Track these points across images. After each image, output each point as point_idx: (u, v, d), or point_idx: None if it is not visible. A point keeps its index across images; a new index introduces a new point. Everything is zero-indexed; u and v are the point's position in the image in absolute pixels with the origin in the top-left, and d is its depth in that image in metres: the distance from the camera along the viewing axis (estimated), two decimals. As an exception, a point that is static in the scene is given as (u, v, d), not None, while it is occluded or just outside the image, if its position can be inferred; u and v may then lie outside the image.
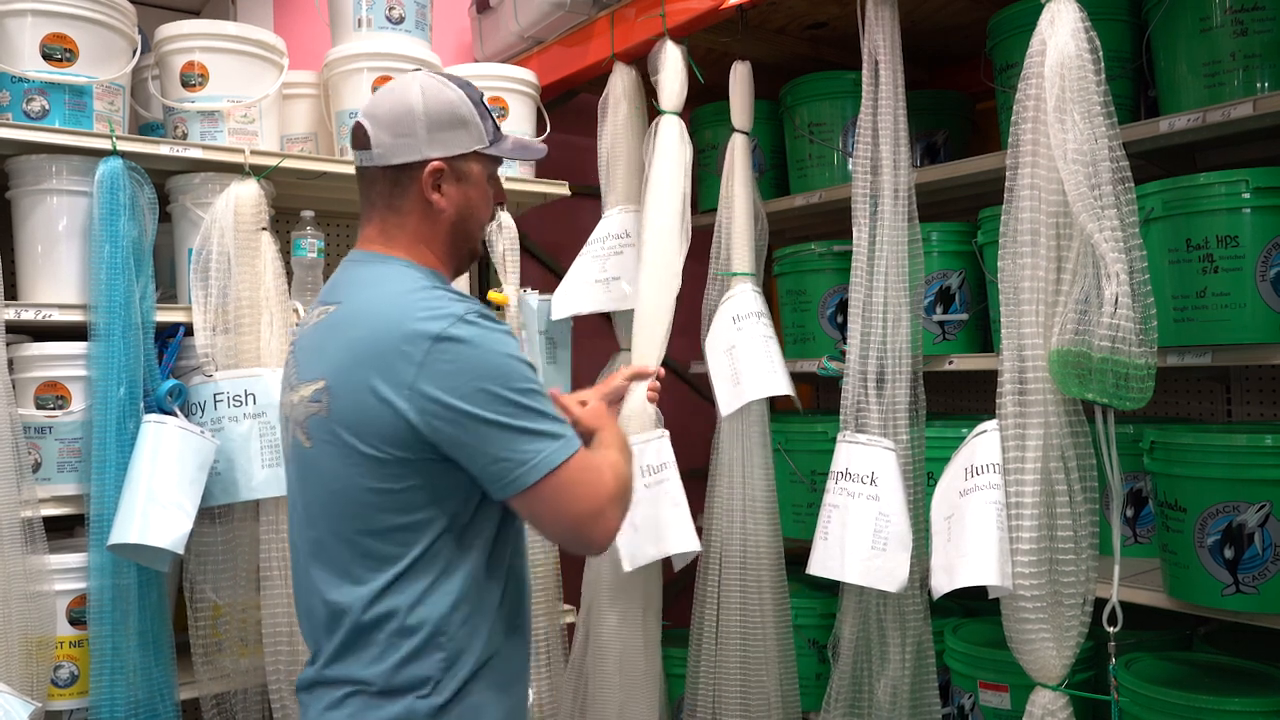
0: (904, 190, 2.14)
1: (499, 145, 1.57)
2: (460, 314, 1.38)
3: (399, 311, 1.40)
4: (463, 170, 1.53)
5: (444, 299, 1.41)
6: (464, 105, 1.52)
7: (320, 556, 1.45)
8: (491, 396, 1.36)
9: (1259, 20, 1.82)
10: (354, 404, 1.39)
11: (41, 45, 2.07)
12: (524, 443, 1.37)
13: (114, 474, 2.04)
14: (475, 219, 1.57)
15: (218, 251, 2.20)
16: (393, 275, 1.48)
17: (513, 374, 1.39)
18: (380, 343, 1.38)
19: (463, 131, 1.52)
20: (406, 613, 1.39)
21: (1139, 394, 1.63)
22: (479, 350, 1.37)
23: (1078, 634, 1.75)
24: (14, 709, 1.52)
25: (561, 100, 3.05)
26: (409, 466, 1.38)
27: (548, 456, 1.37)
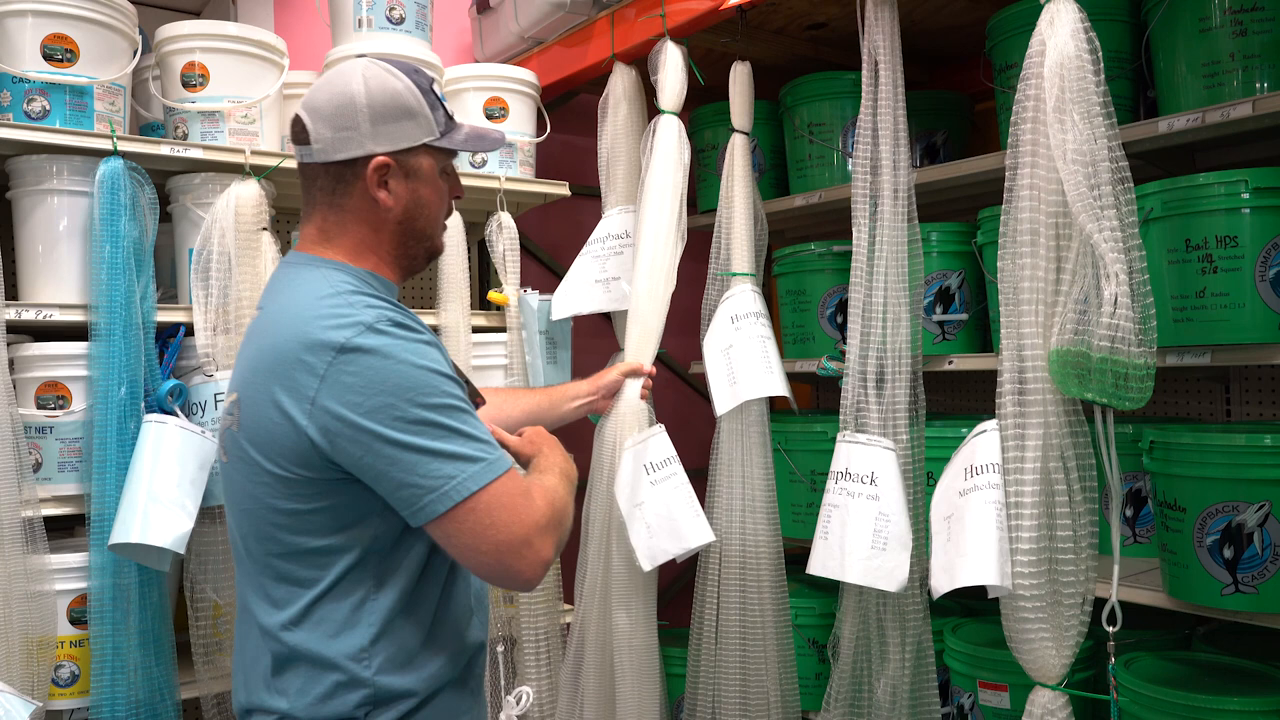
0: (904, 190, 2.14)
1: (451, 136, 1.45)
2: (369, 322, 1.28)
3: (304, 319, 1.30)
4: (411, 165, 1.42)
5: (356, 305, 1.30)
6: (410, 94, 1.40)
7: (244, 575, 1.38)
8: (399, 414, 1.25)
9: (1258, 20, 1.83)
10: (259, 418, 1.30)
11: (42, 45, 2.07)
12: (435, 466, 1.25)
13: (115, 474, 2.04)
14: (427, 217, 1.46)
15: (218, 251, 2.20)
16: (314, 279, 1.37)
17: (425, 388, 1.27)
18: (283, 353, 1.29)
19: (410, 123, 1.40)
20: (321, 644, 1.30)
21: (1138, 394, 1.63)
22: (387, 362, 1.26)
23: (1077, 634, 1.75)
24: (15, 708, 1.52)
25: (561, 100, 3.06)
26: (316, 486, 1.29)
27: (462, 482, 1.26)
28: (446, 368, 1.33)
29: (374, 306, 1.31)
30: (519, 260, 2.65)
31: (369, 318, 1.28)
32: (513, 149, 2.71)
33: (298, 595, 1.32)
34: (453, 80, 2.66)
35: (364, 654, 1.31)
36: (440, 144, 1.44)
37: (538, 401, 2.13)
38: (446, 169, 1.49)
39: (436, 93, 1.45)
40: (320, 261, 1.41)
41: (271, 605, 1.34)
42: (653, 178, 2.42)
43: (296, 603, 1.32)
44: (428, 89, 1.43)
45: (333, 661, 1.30)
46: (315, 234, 1.44)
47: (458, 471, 1.26)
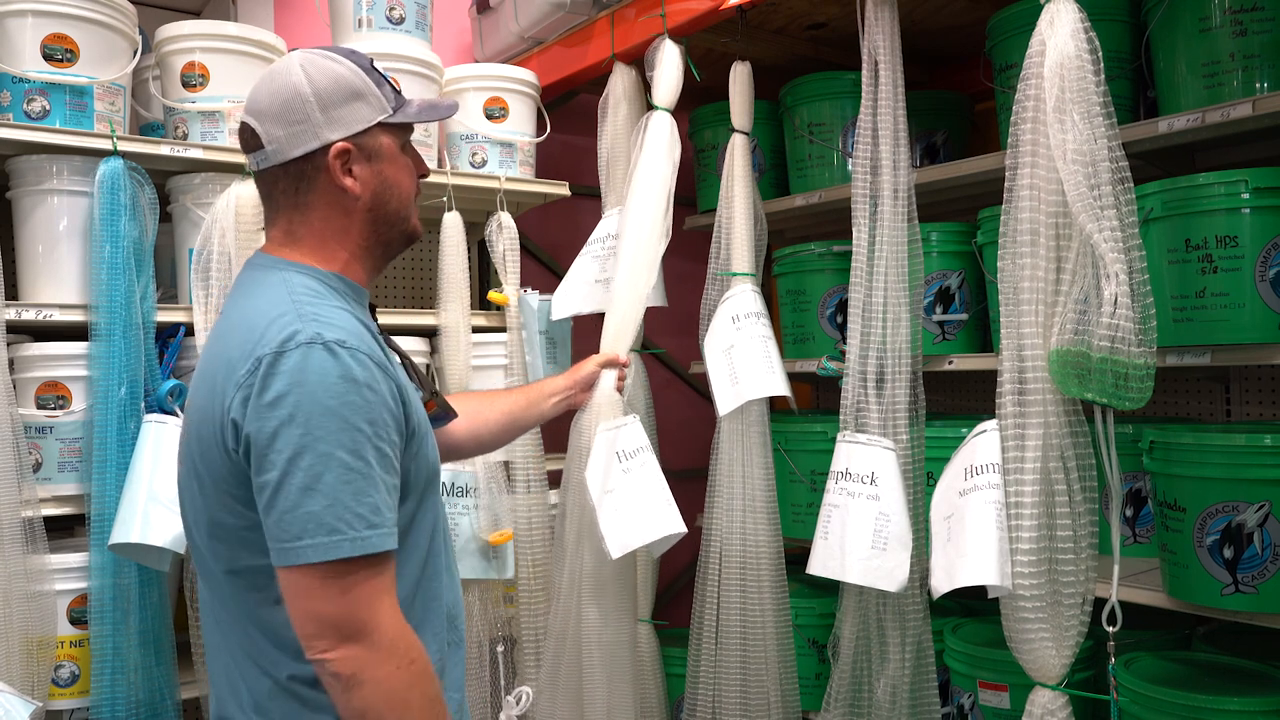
0: (904, 190, 2.14)
1: (404, 110, 1.41)
2: (304, 340, 1.20)
3: (252, 330, 1.24)
4: (371, 147, 1.37)
5: (305, 318, 1.23)
6: (355, 76, 1.36)
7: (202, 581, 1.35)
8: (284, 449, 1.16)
9: (1258, 20, 1.83)
10: (200, 428, 1.26)
11: (42, 45, 2.07)
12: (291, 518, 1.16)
13: (115, 474, 2.04)
14: (398, 197, 1.41)
15: (218, 251, 2.20)
16: (272, 285, 1.32)
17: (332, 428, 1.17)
18: (224, 363, 1.24)
19: (361, 104, 1.36)
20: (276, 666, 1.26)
21: (1138, 394, 1.63)
22: (302, 388, 1.18)
23: (1077, 634, 1.75)
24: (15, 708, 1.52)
25: (561, 100, 3.05)
26: (246, 503, 1.23)
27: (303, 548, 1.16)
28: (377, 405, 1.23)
29: (318, 320, 1.23)
30: (519, 260, 2.65)
31: (306, 335, 1.21)
32: (513, 149, 2.71)
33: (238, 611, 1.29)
34: (453, 80, 2.67)
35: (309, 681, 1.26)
36: (395, 119, 1.40)
37: (514, 401, 2.04)
38: (405, 145, 1.44)
39: (379, 69, 1.41)
40: (284, 264, 1.36)
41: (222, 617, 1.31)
42: (640, 171, 2.41)
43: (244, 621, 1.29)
44: (369, 67, 1.39)
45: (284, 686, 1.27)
46: (281, 236, 1.39)
47: (306, 535, 1.16)
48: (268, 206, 1.41)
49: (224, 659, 1.32)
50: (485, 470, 2.52)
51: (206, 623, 1.36)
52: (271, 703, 1.27)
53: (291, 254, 1.38)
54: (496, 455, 2.58)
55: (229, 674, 1.31)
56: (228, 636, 1.31)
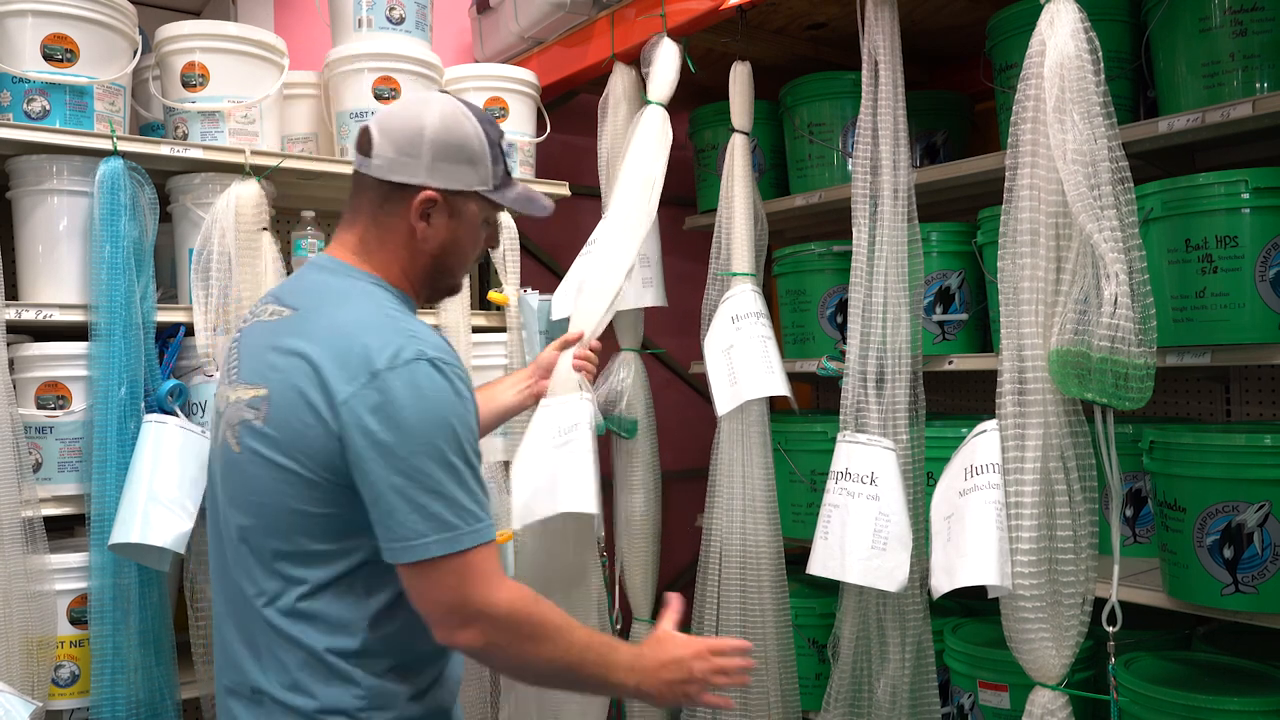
0: (904, 190, 2.14)
1: (503, 192, 1.50)
2: (411, 357, 1.30)
3: (358, 339, 1.32)
4: (457, 206, 1.46)
5: (406, 336, 1.33)
6: (477, 141, 1.45)
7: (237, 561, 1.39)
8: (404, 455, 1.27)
9: (1258, 21, 1.83)
10: (290, 419, 1.32)
11: (42, 45, 2.07)
12: (413, 517, 1.27)
13: (115, 474, 2.04)
14: (458, 257, 1.50)
15: (218, 251, 2.20)
16: (359, 294, 1.40)
17: (440, 437, 1.29)
18: (330, 363, 1.31)
19: (468, 168, 1.45)
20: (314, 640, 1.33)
21: (1138, 394, 1.63)
22: (416, 401, 1.28)
23: (1077, 634, 1.75)
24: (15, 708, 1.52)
25: (561, 100, 3.06)
26: (335, 492, 1.31)
27: (430, 543, 1.28)
28: (471, 415, 1.35)
29: (417, 339, 1.33)
30: (519, 260, 2.65)
31: (412, 353, 1.31)
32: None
33: (289, 590, 1.34)
34: (453, 80, 2.67)
35: (349, 654, 1.33)
36: (491, 196, 1.48)
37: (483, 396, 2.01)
38: (490, 220, 1.53)
39: (503, 147, 1.50)
40: (359, 275, 1.44)
41: (262, 594, 1.36)
42: (629, 161, 2.40)
43: (286, 596, 1.34)
44: (495, 141, 1.48)
45: (323, 658, 1.33)
46: (355, 242, 1.47)
47: (430, 531, 1.28)
48: (351, 206, 1.48)
49: (255, 631, 1.37)
50: (486, 470, 2.52)
51: (231, 597, 1.41)
52: (302, 673, 1.34)
53: (363, 265, 1.46)
54: (497, 455, 2.58)
55: (260, 646, 1.36)
56: (262, 610, 1.36)
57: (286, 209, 2.64)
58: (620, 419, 2.56)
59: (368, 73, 2.44)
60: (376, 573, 1.35)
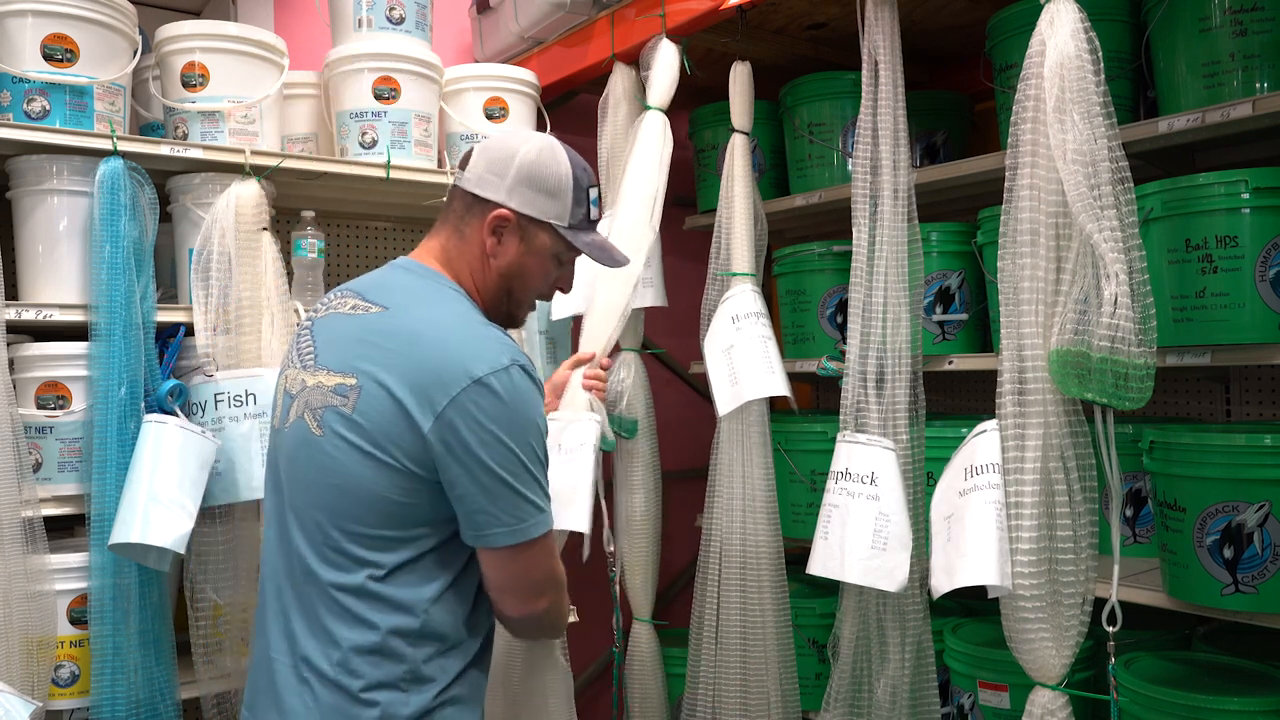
0: (904, 190, 2.14)
1: (576, 233, 1.57)
2: (506, 364, 1.40)
3: (456, 343, 1.42)
4: (529, 232, 1.54)
5: (498, 343, 1.44)
6: (565, 180, 1.54)
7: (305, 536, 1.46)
8: (505, 451, 1.39)
9: (1258, 20, 1.83)
10: (382, 411, 1.40)
11: (42, 45, 2.07)
12: (514, 505, 1.40)
13: (115, 474, 2.04)
14: (524, 284, 1.57)
15: (218, 251, 2.20)
16: (450, 300, 1.50)
17: (531, 437, 1.43)
18: (429, 365, 1.39)
19: (546, 199, 1.53)
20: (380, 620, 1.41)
21: (1138, 394, 1.63)
22: (513, 405, 1.40)
23: (1077, 634, 1.75)
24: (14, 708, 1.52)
25: (561, 100, 3.05)
26: (420, 483, 1.40)
27: (530, 525, 1.42)
28: (544, 420, 1.47)
29: (509, 349, 1.43)
30: (519, 260, 2.64)
31: (506, 359, 1.40)
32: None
33: (359, 570, 1.41)
34: (453, 80, 2.67)
35: (407, 634, 1.41)
36: (563, 232, 1.55)
37: None
38: (562, 259, 1.60)
39: (590, 196, 1.58)
40: (444, 281, 1.53)
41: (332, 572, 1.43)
42: (631, 175, 2.42)
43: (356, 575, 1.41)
44: (584, 186, 1.57)
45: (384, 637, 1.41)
46: (438, 249, 1.56)
47: (529, 516, 1.41)
48: (443, 214, 1.59)
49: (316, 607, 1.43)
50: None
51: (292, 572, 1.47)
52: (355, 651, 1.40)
53: (445, 272, 1.55)
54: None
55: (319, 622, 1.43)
56: (329, 588, 1.42)
57: (286, 209, 2.64)
58: (621, 419, 2.56)
59: (368, 73, 2.44)
60: (439, 559, 1.44)
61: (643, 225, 2.39)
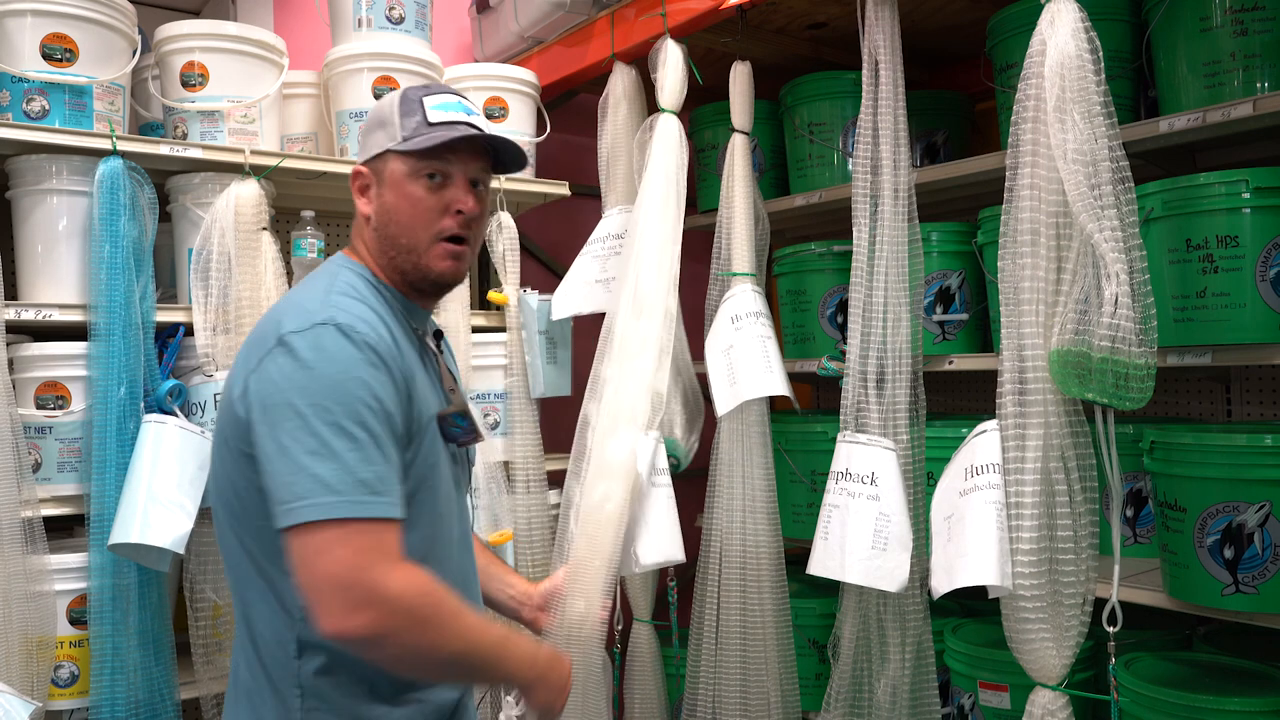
0: (904, 190, 2.14)
1: (412, 141, 1.39)
2: (318, 321, 1.27)
3: (283, 306, 1.34)
4: (381, 173, 1.42)
5: (327, 303, 1.31)
6: (391, 105, 1.42)
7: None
8: (293, 415, 1.22)
9: (1259, 20, 1.82)
10: (225, 396, 1.35)
11: (41, 45, 2.07)
12: (292, 479, 1.21)
13: (114, 474, 2.04)
14: (399, 223, 1.40)
15: (218, 251, 2.20)
16: (321, 275, 1.42)
17: (333, 400, 1.23)
18: (251, 337, 1.35)
19: (380, 133, 1.42)
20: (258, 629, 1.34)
21: (1139, 394, 1.63)
22: (312, 364, 1.24)
23: (1077, 634, 1.75)
24: (14, 709, 1.52)
25: (561, 100, 3.05)
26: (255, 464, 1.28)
27: (307, 506, 1.20)
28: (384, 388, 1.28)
29: (338, 307, 1.30)
30: (519, 260, 2.65)
31: (321, 316, 1.28)
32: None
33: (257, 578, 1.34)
34: (453, 80, 2.66)
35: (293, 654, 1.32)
36: (399, 148, 1.40)
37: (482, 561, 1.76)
38: (417, 175, 1.40)
39: (427, 104, 1.41)
40: (343, 261, 1.46)
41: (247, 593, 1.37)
42: (651, 177, 2.38)
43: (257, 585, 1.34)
44: (414, 98, 1.42)
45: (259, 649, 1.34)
46: (354, 234, 1.50)
47: (308, 494, 1.20)
48: None
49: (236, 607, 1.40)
50: (485, 470, 2.52)
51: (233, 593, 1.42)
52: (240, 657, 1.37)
53: (350, 254, 1.48)
54: (497, 455, 2.58)
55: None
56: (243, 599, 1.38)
57: (286, 209, 2.64)
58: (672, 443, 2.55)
59: (367, 72, 2.44)
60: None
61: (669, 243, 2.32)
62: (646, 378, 2.22)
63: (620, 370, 2.23)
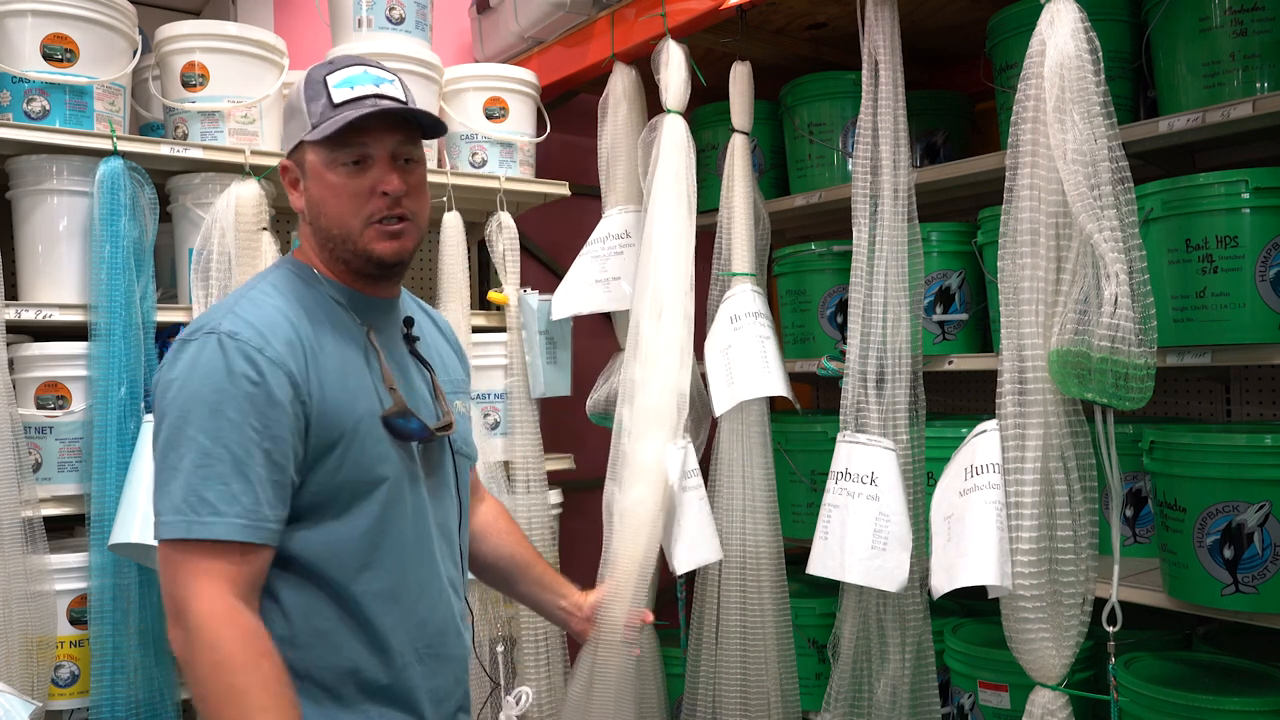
0: (904, 190, 2.14)
1: (321, 127, 1.33)
2: (205, 330, 1.27)
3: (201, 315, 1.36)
4: (303, 164, 1.38)
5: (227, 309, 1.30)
6: (297, 91, 1.38)
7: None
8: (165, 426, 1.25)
9: (1259, 20, 1.83)
10: None
11: (42, 45, 2.07)
12: (158, 494, 1.26)
13: (114, 474, 2.04)
14: (328, 217, 1.36)
15: (218, 251, 2.20)
16: (255, 278, 1.41)
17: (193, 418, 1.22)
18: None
19: (294, 123, 1.38)
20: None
21: (1138, 394, 1.63)
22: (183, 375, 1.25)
23: (1077, 634, 1.75)
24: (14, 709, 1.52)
25: (561, 100, 3.05)
26: None
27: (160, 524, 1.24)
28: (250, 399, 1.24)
29: (234, 312, 1.29)
30: (519, 260, 2.65)
31: (211, 325, 1.28)
32: (513, 149, 2.71)
33: None
34: (453, 80, 2.66)
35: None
36: (310, 138, 1.34)
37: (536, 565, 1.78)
38: (335, 163, 1.34)
39: (331, 82, 1.35)
40: (286, 259, 1.45)
41: None
42: (659, 181, 2.39)
43: None
44: (318, 79, 1.36)
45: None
46: (299, 228, 1.47)
47: (163, 512, 1.24)
48: None
49: None
50: (485, 470, 2.52)
51: None
52: None
53: (298, 252, 1.46)
54: (497, 455, 2.58)
55: None
56: None
57: (286, 209, 2.64)
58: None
59: (368, 73, 2.44)
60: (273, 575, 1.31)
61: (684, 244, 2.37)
62: (672, 379, 2.27)
63: (645, 373, 2.28)
